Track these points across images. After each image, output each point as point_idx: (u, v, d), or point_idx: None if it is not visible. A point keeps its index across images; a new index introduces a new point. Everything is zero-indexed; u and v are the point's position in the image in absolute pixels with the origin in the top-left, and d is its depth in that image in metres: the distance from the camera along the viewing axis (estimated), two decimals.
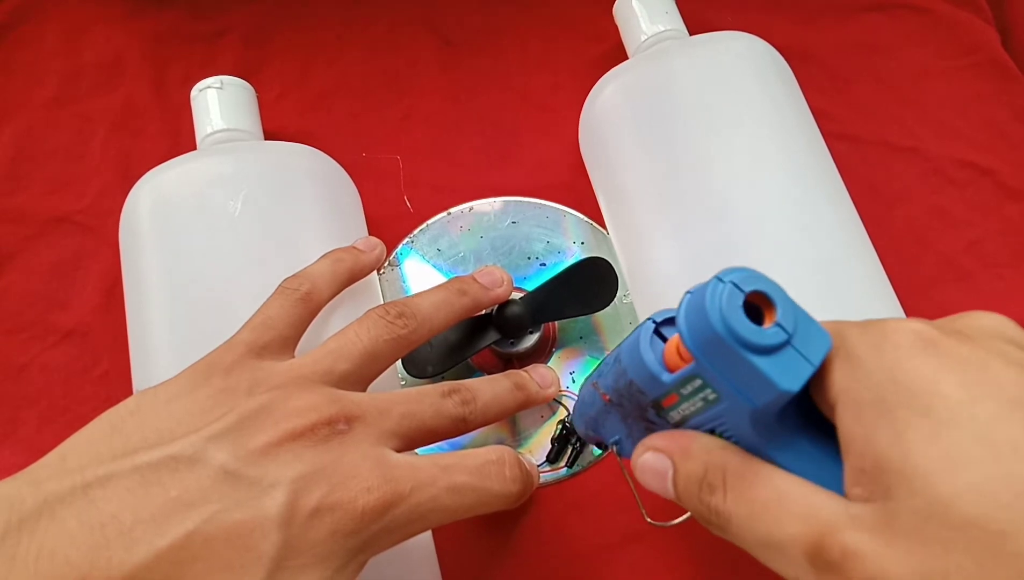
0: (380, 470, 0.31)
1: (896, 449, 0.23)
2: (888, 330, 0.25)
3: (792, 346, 0.25)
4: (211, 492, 0.29)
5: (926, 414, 0.23)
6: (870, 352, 0.25)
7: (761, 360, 0.24)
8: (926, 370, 0.24)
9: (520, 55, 0.58)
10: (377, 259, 0.44)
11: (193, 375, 0.34)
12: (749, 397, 0.25)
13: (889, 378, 0.24)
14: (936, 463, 0.22)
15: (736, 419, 0.27)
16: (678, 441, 0.29)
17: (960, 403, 0.23)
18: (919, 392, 0.23)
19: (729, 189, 0.44)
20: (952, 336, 0.25)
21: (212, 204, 0.44)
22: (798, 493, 0.26)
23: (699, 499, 0.28)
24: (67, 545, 0.27)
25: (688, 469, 0.29)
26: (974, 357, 0.24)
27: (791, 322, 0.25)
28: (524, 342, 0.47)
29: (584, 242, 0.51)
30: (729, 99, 0.46)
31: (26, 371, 0.49)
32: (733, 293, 0.24)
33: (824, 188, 0.45)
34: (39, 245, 0.52)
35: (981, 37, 0.57)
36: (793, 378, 0.24)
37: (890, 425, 0.23)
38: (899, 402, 0.23)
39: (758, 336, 0.24)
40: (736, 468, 0.27)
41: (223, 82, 0.49)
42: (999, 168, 0.53)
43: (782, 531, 0.25)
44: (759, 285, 0.25)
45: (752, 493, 0.26)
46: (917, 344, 0.24)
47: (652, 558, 0.44)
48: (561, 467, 0.46)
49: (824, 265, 0.42)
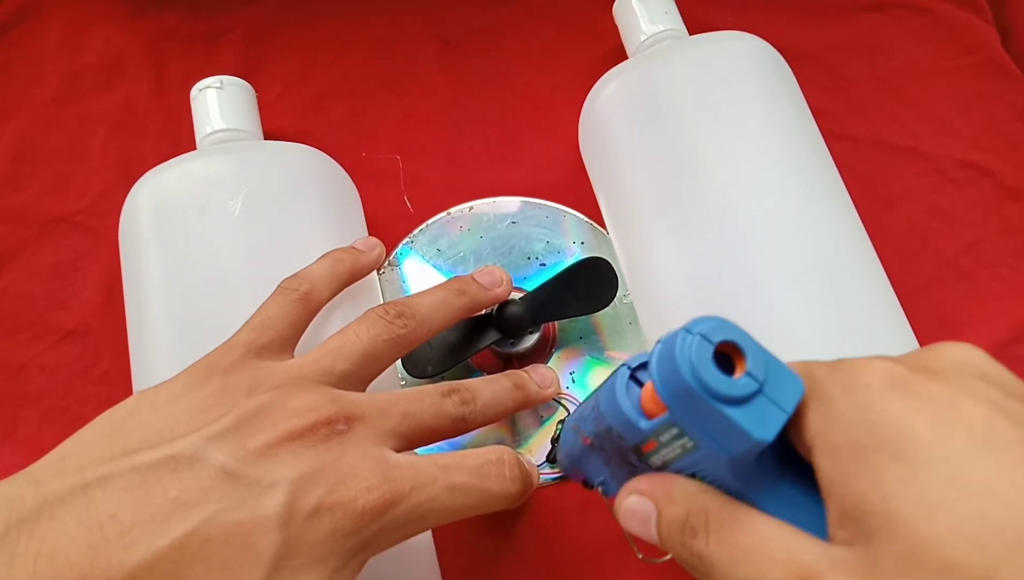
0: (380, 470, 0.31)
1: (875, 493, 0.23)
2: (858, 370, 0.25)
3: (764, 394, 0.25)
4: (210, 492, 0.29)
5: (900, 457, 0.23)
6: (842, 394, 0.25)
7: (734, 411, 0.24)
8: (898, 411, 0.24)
9: (520, 55, 0.58)
10: (377, 259, 0.44)
11: (192, 375, 0.34)
12: (725, 446, 0.25)
13: (862, 420, 0.24)
14: (914, 506, 0.22)
15: (715, 465, 0.27)
16: (661, 485, 0.29)
17: (931, 445, 0.23)
18: (892, 435, 0.23)
19: (729, 189, 0.44)
20: (922, 374, 0.25)
21: (212, 204, 0.44)
22: (779, 538, 0.26)
23: (682, 544, 0.28)
24: (67, 545, 0.27)
25: (671, 513, 0.28)
26: (944, 396, 0.24)
27: (762, 370, 0.25)
28: (524, 342, 0.47)
29: (584, 242, 0.51)
30: (729, 99, 0.46)
31: (26, 371, 0.49)
32: (702, 345, 0.25)
33: (824, 188, 0.45)
34: (39, 245, 0.52)
35: (981, 37, 0.57)
36: (767, 427, 0.25)
37: (867, 469, 0.23)
38: (874, 445, 0.24)
39: (729, 387, 0.24)
40: (718, 512, 0.27)
41: (223, 82, 0.49)
42: (999, 168, 0.53)
43: (764, 576, 0.25)
44: (728, 335, 0.25)
45: (734, 538, 0.26)
46: (887, 383, 0.25)
47: (652, 557, 0.44)
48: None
49: (823, 264, 0.42)
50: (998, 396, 0.24)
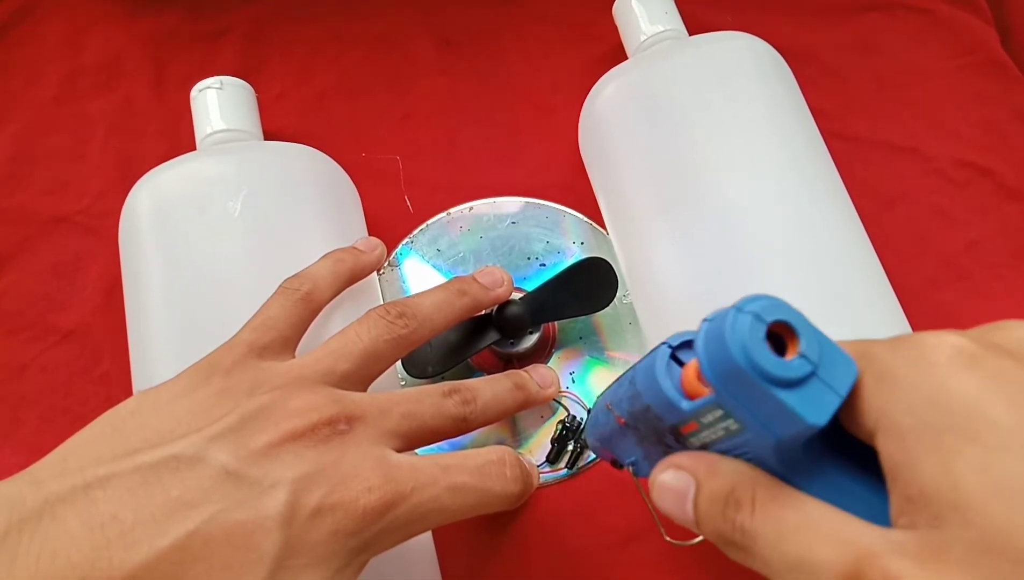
0: (381, 470, 0.31)
1: (945, 477, 0.22)
2: (926, 346, 0.24)
3: (818, 377, 0.24)
4: (212, 492, 0.29)
5: (974, 440, 0.22)
6: (907, 371, 0.24)
7: (786, 394, 0.23)
8: (970, 390, 0.22)
9: (520, 55, 0.58)
10: (378, 260, 0.44)
11: (194, 375, 0.34)
12: (773, 430, 0.24)
13: (931, 400, 0.23)
14: (990, 493, 0.21)
15: (760, 448, 0.26)
16: (703, 460, 0.28)
17: (1009, 429, 0.22)
18: (965, 415, 0.22)
19: (728, 189, 0.44)
20: (993, 351, 0.23)
21: (212, 204, 0.44)
22: (832, 518, 0.25)
23: (723, 516, 0.27)
24: (68, 545, 0.27)
25: (714, 486, 0.27)
26: (1019, 375, 0.23)
27: (816, 352, 0.24)
28: (524, 342, 0.47)
29: (584, 242, 0.51)
30: (728, 99, 0.46)
31: (26, 371, 0.49)
32: (755, 324, 0.23)
33: (823, 188, 0.45)
34: (39, 245, 0.52)
35: (981, 37, 0.57)
36: (820, 411, 0.23)
37: (937, 452, 0.22)
38: (945, 426, 0.22)
39: (782, 369, 0.23)
40: (767, 486, 0.26)
41: (223, 82, 0.49)
42: (999, 168, 0.53)
43: (815, 555, 0.24)
44: (781, 314, 0.24)
45: (783, 513, 0.25)
46: (958, 361, 0.23)
47: (652, 558, 0.44)
48: (561, 468, 0.46)
49: (823, 264, 0.42)
50: None
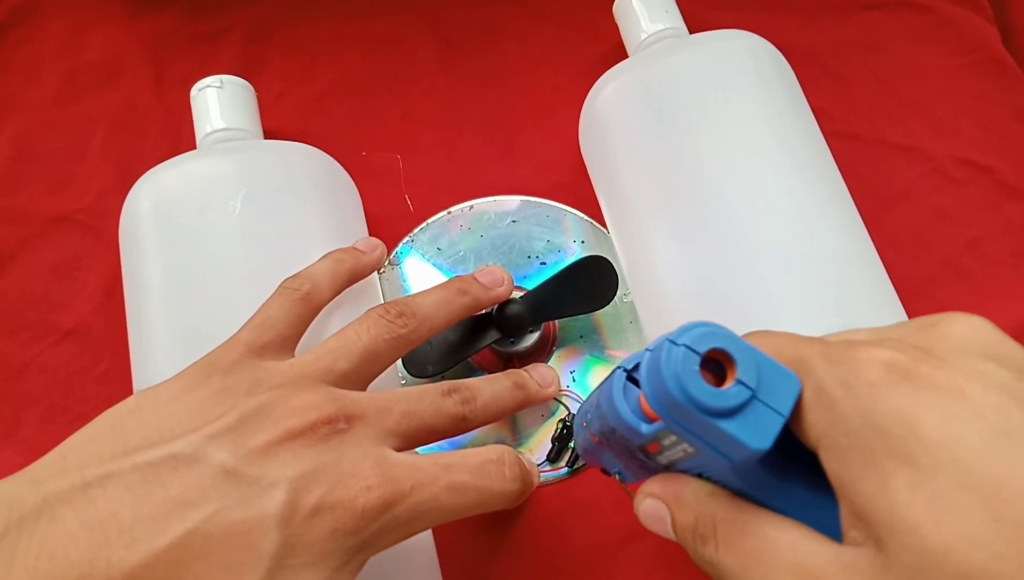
0: (380, 469, 0.31)
1: (882, 500, 0.22)
2: (858, 363, 0.24)
3: (758, 399, 0.24)
4: (211, 491, 0.29)
5: (908, 461, 0.22)
6: (842, 391, 0.24)
7: (726, 423, 0.23)
8: (902, 408, 0.23)
9: (520, 54, 0.58)
10: (378, 260, 0.44)
11: (193, 374, 0.34)
12: (723, 454, 0.25)
13: (866, 423, 0.23)
14: (923, 513, 0.21)
15: (718, 469, 0.26)
16: (671, 488, 0.29)
17: (940, 445, 0.22)
18: (898, 437, 0.22)
19: (729, 187, 0.44)
20: (925, 361, 0.23)
21: (212, 203, 0.44)
22: (787, 540, 0.25)
23: (694, 551, 0.28)
24: (67, 544, 0.27)
25: (681, 519, 0.28)
26: (951, 385, 0.23)
27: (753, 375, 0.24)
28: (524, 341, 0.47)
29: (584, 241, 0.51)
30: (729, 97, 0.46)
31: (26, 371, 0.49)
32: (688, 357, 0.24)
33: (824, 186, 0.45)
34: (39, 245, 0.52)
35: (982, 36, 0.57)
36: (764, 435, 0.24)
37: (874, 474, 0.22)
38: (879, 449, 0.22)
39: (719, 399, 0.23)
40: (725, 517, 0.27)
41: (223, 81, 0.49)
42: (999, 167, 0.53)
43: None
44: (715, 342, 0.24)
45: (742, 544, 0.26)
46: (890, 379, 0.23)
47: (652, 558, 0.44)
48: (561, 467, 0.46)
49: (824, 263, 0.42)
50: (1010, 379, 0.23)
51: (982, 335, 0.24)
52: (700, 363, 0.24)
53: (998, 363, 0.23)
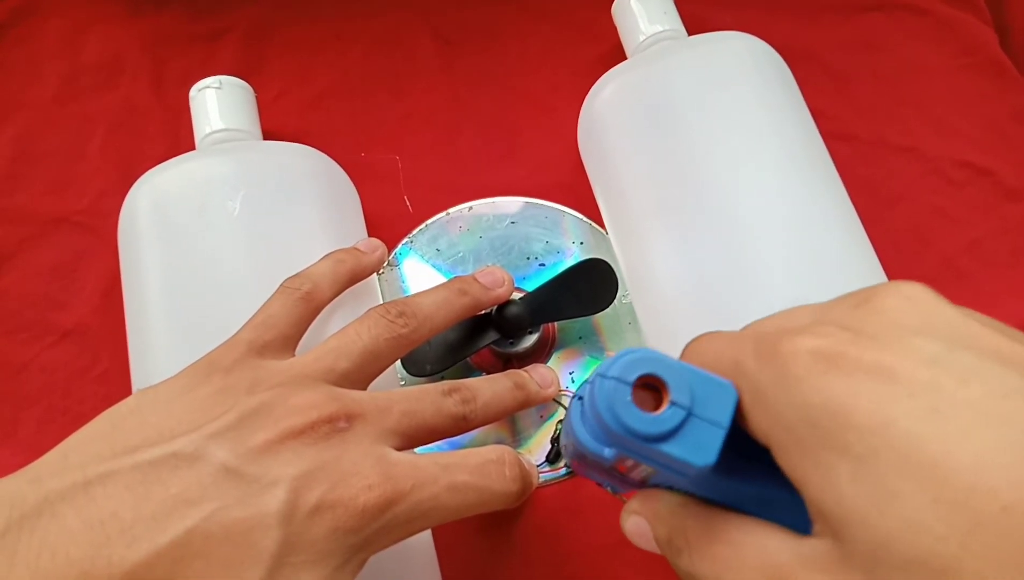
0: (381, 468, 0.31)
1: (829, 492, 0.22)
2: (784, 357, 0.23)
3: (695, 416, 0.24)
4: (211, 490, 0.29)
5: (846, 452, 0.21)
6: (774, 389, 0.23)
7: (667, 446, 0.24)
8: (833, 398, 0.22)
9: (520, 55, 0.58)
10: (379, 261, 0.44)
11: (194, 374, 0.34)
12: (676, 471, 0.25)
13: (800, 418, 0.22)
14: (867, 503, 0.21)
15: (681, 482, 0.27)
16: (648, 504, 0.29)
17: (873, 432, 0.21)
18: (832, 428, 0.22)
19: (728, 189, 0.44)
20: (853, 342, 0.23)
21: (211, 204, 0.44)
22: (753, 541, 0.25)
23: (673, 562, 0.28)
24: (68, 542, 0.27)
25: (658, 533, 0.28)
26: (880, 366, 0.22)
27: (686, 394, 0.24)
28: (523, 342, 0.47)
29: (583, 242, 0.51)
30: (728, 99, 0.46)
31: (26, 371, 0.49)
32: (618, 388, 0.24)
33: (823, 187, 0.45)
34: (39, 245, 0.52)
35: (979, 37, 0.57)
36: (706, 451, 0.24)
37: (817, 469, 0.22)
38: (817, 443, 0.22)
39: (655, 425, 0.24)
40: (694, 526, 0.27)
41: (222, 82, 0.49)
42: (998, 168, 0.53)
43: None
44: (643, 369, 0.24)
45: (712, 551, 0.26)
46: (817, 368, 0.22)
47: (651, 558, 0.44)
48: (560, 467, 0.46)
49: (822, 264, 0.42)
50: (941, 350, 0.22)
51: (916, 306, 0.24)
52: (632, 391, 0.24)
53: (932, 336, 0.22)
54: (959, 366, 0.21)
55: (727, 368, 0.25)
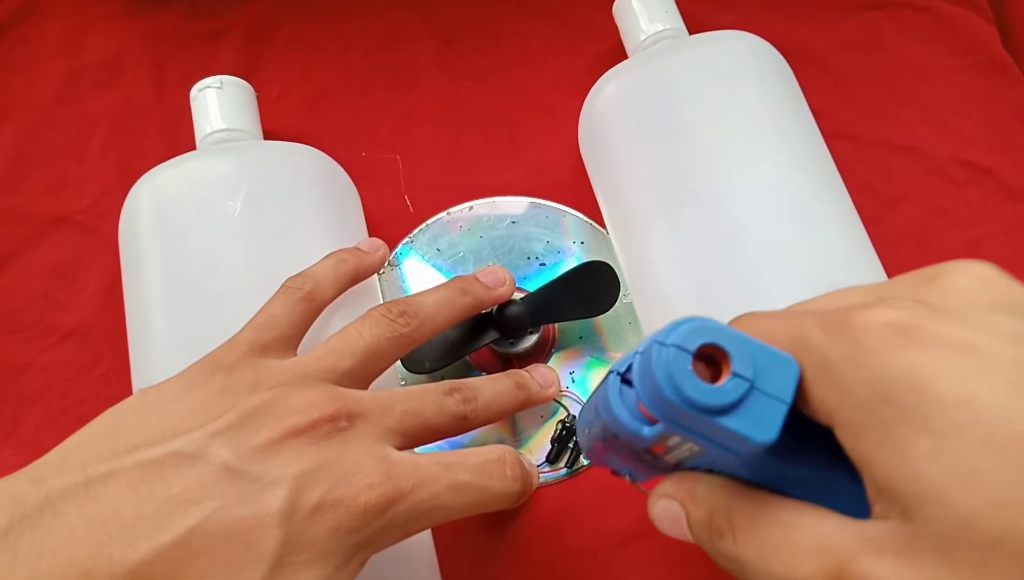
0: (382, 467, 0.31)
1: (904, 470, 0.21)
2: (858, 330, 0.22)
3: (757, 390, 0.23)
4: (213, 489, 0.29)
5: (924, 427, 0.21)
6: (845, 364, 0.22)
7: (727, 419, 0.23)
8: (911, 371, 0.21)
9: (520, 55, 0.58)
10: (380, 261, 0.44)
11: (196, 373, 0.34)
12: (730, 450, 0.24)
13: (874, 392, 0.22)
14: (949, 481, 0.20)
15: (729, 463, 0.25)
16: (684, 485, 0.28)
17: (956, 405, 0.20)
18: (910, 403, 0.21)
19: (728, 188, 0.44)
20: (931, 317, 0.22)
21: (212, 204, 0.44)
22: (807, 524, 0.24)
23: (711, 546, 0.27)
24: (69, 541, 0.27)
25: (696, 515, 0.27)
26: (960, 340, 0.21)
27: (749, 366, 0.23)
28: (524, 342, 0.47)
29: (584, 242, 0.51)
30: (729, 98, 0.46)
31: (26, 371, 0.49)
32: (679, 357, 0.23)
33: (824, 187, 0.45)
34: (39, 245, 0.52)
35: (981, 36, 0.57)
36: (768, 426, 0.23)
37: (891, 445, 0.21)
38: (892, 418, 0.21)
39: (716, 397, 0.22)
40: (741, 508, 0.26)
41: (223, 82, 0.49)
42: (999, 167, 0.53)
43: (797, 570, 0.23)
44: (705, 337, 0.23)
45: (760, 533, 0.25)
46: (894, 341, 0.22)
47: (652, 558, 0.44)
48: (561, 468, 0.46)
49: (823, 264, 0.42)
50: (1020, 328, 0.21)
51: (989, 284, 0.23)
52: (692, 361, 0.23)
53: (1009, 313, 0.22)
54: None
55: (785, 344, 0.24)
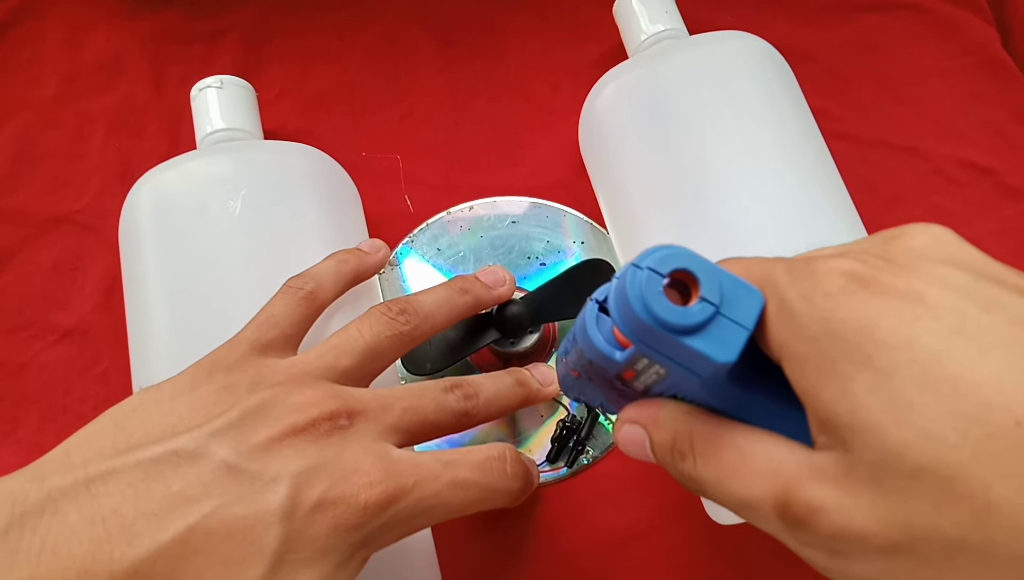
0: (382, 465, 0.31)
1: (843, 404, 0.23)
2: (818, 274, 0.24)
3: (721, 315, 0.25)
4: (213, 487, 0.29)
5: (866, 365, 0.22)
6: (802, 303, 0.24)
7: (692, 339, 0.24)
8: (861, 315, 0.23)
9: (520, 55, 0.58)
10: (381, 261, 0.44)
11: (196, 372, 0.34)
12: (693, 370, 0.25)
13: (825, 331, 0.23)
14: (883, 414, 0.22)
15: (691, 388, 0.27)
16: (648, 410, 0.29)
17: (897, 347, 0.22)
18: (856, 342, 0.23)
19: (729, 188, 0.44)
20: (885, 269, 0.24)
21: (212, 204, 0.44)
22: (761, 449, 0.26)
23: (673, 467, 0.28)
24: (69, 539, 0.27)
25: (659, 438, 0.29)
26: (909, 290, 0.23)
27: (716, 292, 0.25)
28: (524, 342, 0.47)
29: (584, 242, 0.51)
30: (729, 98, 0.46)
31: (26, 370, 0.49)
32: (651, 278, 0.24)
33: (824, 187, 0.45)
34: (39, 244, 0.52)
35: (981, 37, 0.57)
36: (728, 349, 0.24)
37: (834, 380, 0.23)
38: (839, 355, 0.23)
39: (684, 317, 0.24)
40: (703, 432, 0.27)
41: (223, 81, 0.49)
42: (999, 168, 0.53)
43: (750, 491, 0.25)
44: (677, 263, 0.25)
45: (718, 456, 0.27)
46: (849, 287, 0.24)
47: (652, 558, 0.44)
48: (561, 467, 0.46)
49: None
50: (967, 280, 0.23)
51: (943, 243, 0.25)
52: (664, 284, 0.25)
53: (957, 267, 0.24)
54: (983, 295, 0.23)
55: (756, 281, 0.26)
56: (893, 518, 0.22)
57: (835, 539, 0.23)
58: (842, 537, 0.23)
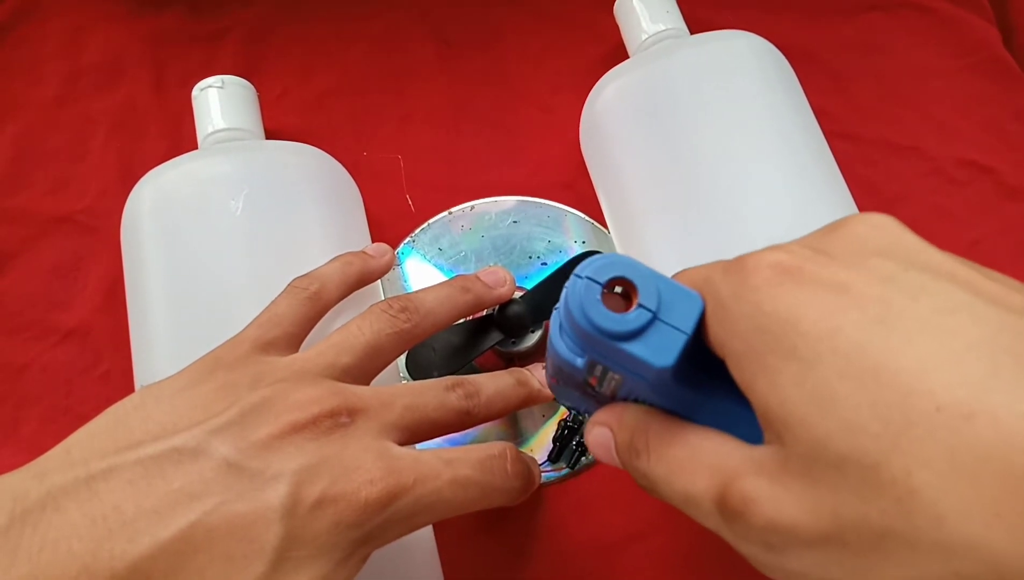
0: (383, 462, 0.31)
1: (773, 397, 0.23)
2: (746, 269, 0.25)
3: (659, 320, 0.25)
4: (213, 484, 0.29)
5: (791, 357, 0.22)
6: (732, 299, 0.25)
7: (630, 345, 0.25)
8: (785, 307, 0.23)
9: (520, 55, 0.58)
10: (387, 265, 0.44)
11: (198, 370, 0.34)
12: (638, 375, 0.26)
13: (753, 326, 0.24)
14: (808, 406, 0.22)
15: (644, 391, 0.28)
16: (613, 413, 0.30)
17: (820, 338, 0.22)
18: (782, 334, 0.23)
19: (730, 188, 0.44)
20: (813, 260, 0.24)
21: (213, 204, 0.44)
22: (708, 446, 0.26)
23: (631, 466, 0.29)
24: (70, 536, 0.27)
25: (621, 438, 0.30)
26: (835, 280, 0.23)
27: (654, 298, 0.25)
28: (525, 341, 0.47)
29: (585, 241, 0.51)
30: (730, 98, 0.46)
31: (27, 371, 0.49)
32: (590, 287, 0.25)
33: (825, 187, 0.45)
34: (40, 245, 0.52)
35: (983, 36, 0.57)
36: (666, 353, 0.25)
37: (764, 373, 0.23)
38: (766, 349, 0.23)
39: (620, 324, 0.25)
40: (657, 431, 0.28)
41: (224, 81, 0.49)
42: (1000, 167, 0.53)
43: (694, 486, 0.26)
44: (614, 271, 0.25)
45: (669, 453, 0.27)
46: (774, 280, 0.24)
47: (652, 558, 0.44)
48: (562, 467, 0.46)
49: None
50: (895, 270, 0.23)
51: (881, 232, 0.25)
52: (602, 292, 0.25)
53: (890, 257, 0.24)
54: (912, 284, 0.23)
55: (696, 284, 0.26)
56: (822, 509, 0.22)
57: (767, 531, 0.23)
58: (773, 529, 0.23)
